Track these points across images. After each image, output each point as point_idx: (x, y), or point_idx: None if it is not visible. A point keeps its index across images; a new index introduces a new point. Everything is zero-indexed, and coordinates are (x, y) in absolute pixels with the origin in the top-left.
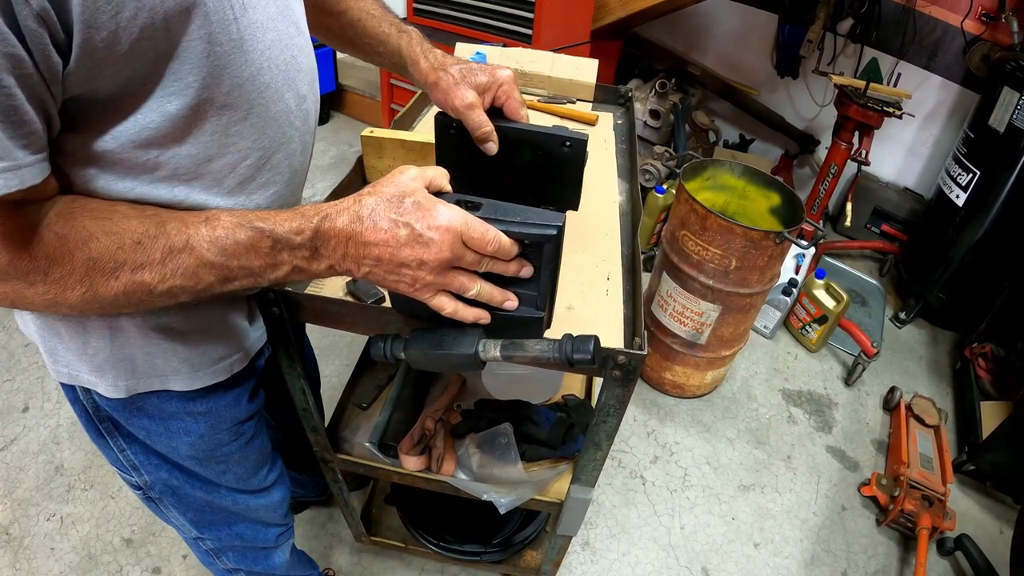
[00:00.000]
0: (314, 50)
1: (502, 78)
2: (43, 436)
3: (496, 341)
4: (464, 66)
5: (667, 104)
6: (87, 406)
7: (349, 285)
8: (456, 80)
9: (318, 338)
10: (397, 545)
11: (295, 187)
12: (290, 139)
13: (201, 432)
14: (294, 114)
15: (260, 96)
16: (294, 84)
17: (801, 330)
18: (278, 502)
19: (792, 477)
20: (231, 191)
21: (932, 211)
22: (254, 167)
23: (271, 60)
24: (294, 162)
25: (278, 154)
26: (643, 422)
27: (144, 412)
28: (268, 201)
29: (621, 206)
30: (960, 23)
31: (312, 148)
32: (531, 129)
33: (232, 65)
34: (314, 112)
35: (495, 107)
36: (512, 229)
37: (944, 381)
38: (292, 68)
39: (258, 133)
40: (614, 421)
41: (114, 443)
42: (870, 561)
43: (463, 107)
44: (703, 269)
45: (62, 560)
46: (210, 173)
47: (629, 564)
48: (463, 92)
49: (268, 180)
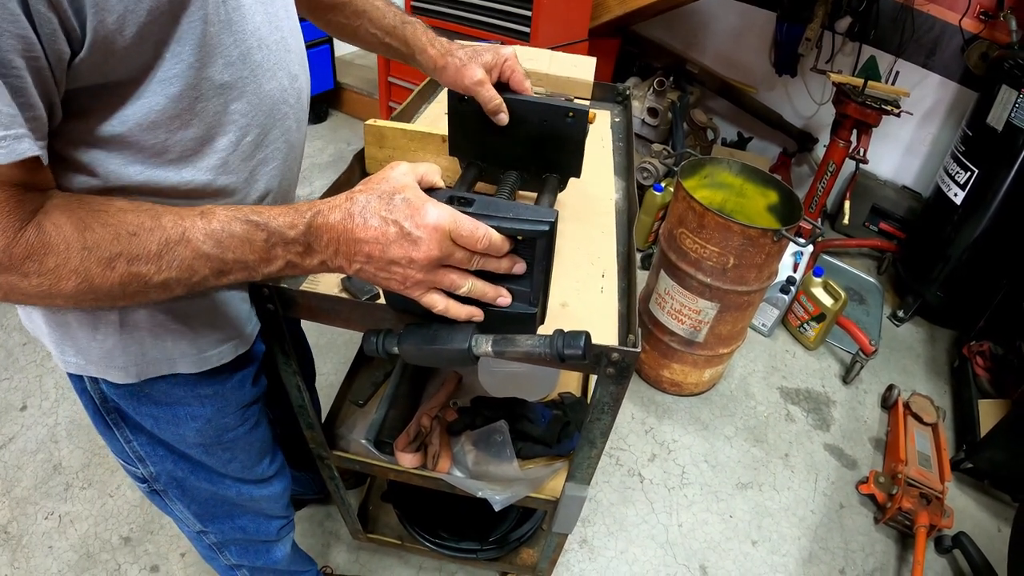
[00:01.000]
0: (310, 49)
1: (506, 55)
2: (41, 435)
3: (488, 336)
4: (469, 49)
5: (665, 102)
6: (94, 397)
7: (344, 281)
8: (463, 61)
9: (316, 336)
10: (393, 542)
11: (292, 162)
12: (285, 116)
13: (208, 416)
14: (288, 92)
15: (253, 75)
16: (285, 63)
17: (799, 328)
18: (280, 493)
19: (790, 475)
20: (235, 168)
21: (930, 209)
22: (254, 143)
23: (261, 40)
24: (291, 137)
25: (275, 130)
26: (641, 420)
27: (152, 399)
28: (269, 176)
29: (617, 204)
30: (958, 21)
31: (305, 126)
32: (537, 101)
33: (223, 45)
34: (306, 91)
35: (501, 82)
36: (504, 225)
37: (942, 379)
38: (282, 48)
39: (255, 110)
40: (608, 418)
41: (120, 434)
42: (868, 559)
43: (473, 84)
44: (701, 267)
45: (60, 558)
46: (215, 152)
47: (627, 562)
48: (472, 70)
49: (268, 156)
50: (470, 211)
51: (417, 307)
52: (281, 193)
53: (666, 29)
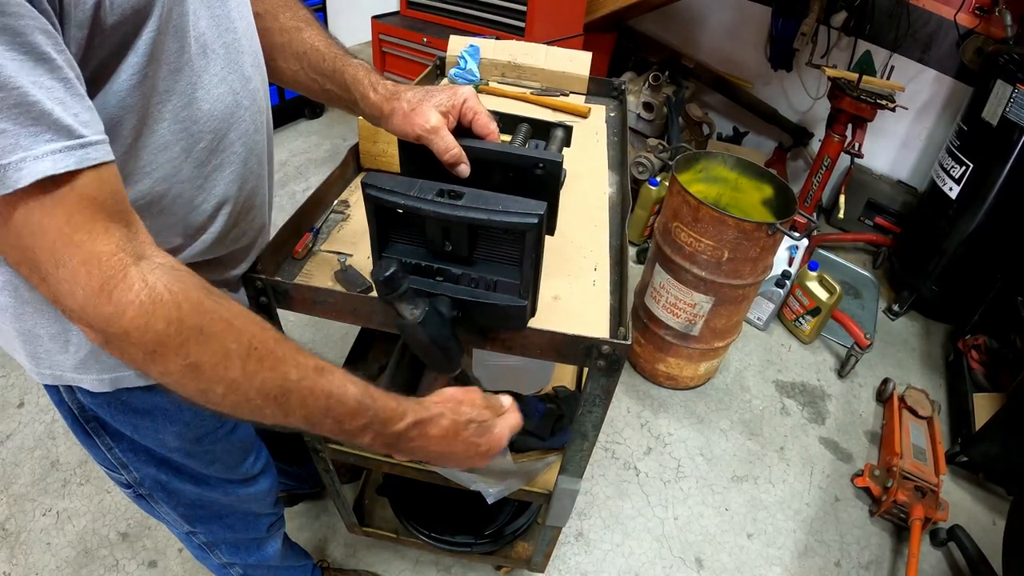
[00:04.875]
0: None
1: (464, 94)
2: (38, 431)
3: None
4: (420, 90)
5: (660, 97)
6: (72, 407)
7: (338, 275)
8: (412, 105)
9: (312, 332)
10: (389, 536)
11: (253, 166)
12: (240, 119)
13: (187, 419)
14: (240, 95)
15: (200, 79)
16: (238, 66)
17: (794, 322)
18: (266, 490)
19: (785, 468)
20: (190, 176)
21: (925, 203)
22: (208, 149)
23: (205, 44)
24: (248, 140)
25: (231, 134)
26: (636, 413)
27: (129, 406)
28: (226, 182)
29: (611, 198)
30: (954, 16)
31: (267, 128)
32: (502, 150)
33: (168, 51)
34: (263, 91)
35: (462, 127)
36: (494, 218)
37: (937, 373)
38: (233, 51)
39: (206, 116)
40: (600, 411)
41: (101, 442)
42: (863, 552)
43: (426, 131)
44: (696, 260)
45: (58, 555)
46: (170, 161)
47: (623, 555)
48: (424, 115)
49: (224, 161)
50: (460, 204)
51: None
52: (243, 199)
53: (662, 24)
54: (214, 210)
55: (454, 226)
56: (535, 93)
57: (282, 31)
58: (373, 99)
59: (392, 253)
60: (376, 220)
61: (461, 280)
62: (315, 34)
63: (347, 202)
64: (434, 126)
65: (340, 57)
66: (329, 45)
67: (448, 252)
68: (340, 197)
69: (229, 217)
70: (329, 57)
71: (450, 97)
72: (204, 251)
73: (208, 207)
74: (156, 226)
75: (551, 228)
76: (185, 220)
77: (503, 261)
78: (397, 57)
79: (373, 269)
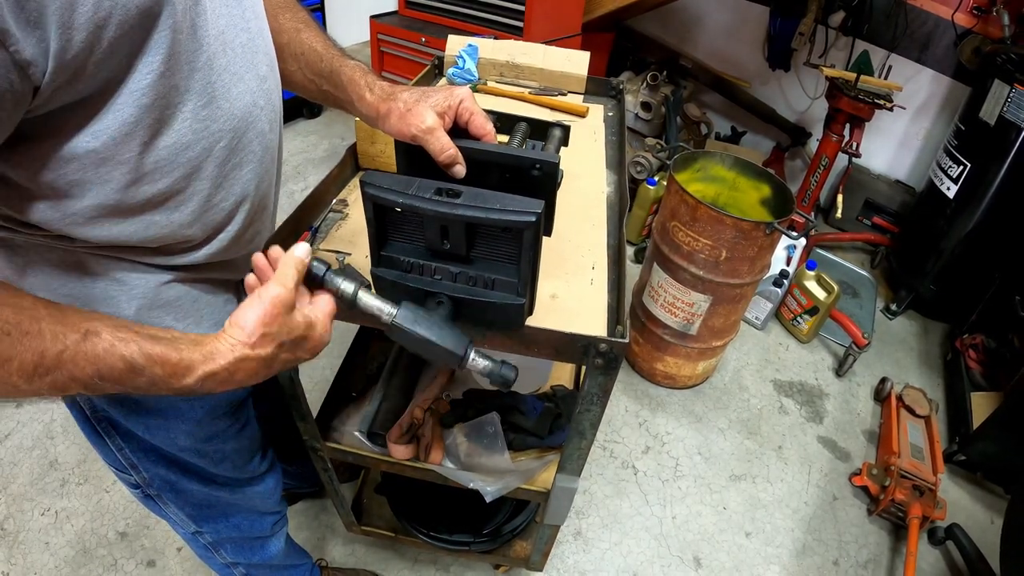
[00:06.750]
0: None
1: (460, 95)
2: (37, 431)
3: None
4: (416, 91)
5: (659, 96)
6: (84, 407)
7: None
8: (408, 105)
9: None
10: (388, 535)
11: (268, 164)
12: (257, 119)
13: (199, 418)
14: (257, 94)
15: (220, 79)
16: (253, 66)
17: (792, 321)
18: (272, 488)
19: (783, 467)
20: (211, 175)
21: (923, 203)
22: (228, 148)
23: (225, 44)
24: (264, 140)
25: (249, 133)
26: (634, 412)
27: (142, 406)
28: (244, 181)
29: (609, 197)
30: (951, 16)
31: (279, 128)
32: (499, 151)
33: (187, 51)
34: (277, 92)
35: (459, 127)
36: (491, 216)
37: (935, 372)
38: (249, 50)
39: (226, 115)
40: (597, 409)
41: (112, 443)
42: (861, 550)
43: (422, 132)
44: (694, 260)
45: (57, 554)
46: (189, 161)
47: (621, 554)
48: (420, 115)
49: (243, 160)
50: (458, 203)
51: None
52: (259, 198)
53: (660, 23)
54: (233, 207)
55: (452, 225)
56: (533, 92)
57: (282, 32)
58: (369, 100)
59: (390, 252)
60: (375, 219)
61: (459, 278)
62: (313, 35)
63: (345, 201)
64: (430, 126)
65: (337, 58)
66: (327, 46)
67: (446, 251)
68: (339, 196)
69: (247, 216)
70: (327, 58)
71: (446, 97)
72: (221, 250)
73: (227, 204)
74: (175, 222)
75: (548, 229)
76: (203, 218)
77: (501, 259)
78: (395, 57)
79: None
